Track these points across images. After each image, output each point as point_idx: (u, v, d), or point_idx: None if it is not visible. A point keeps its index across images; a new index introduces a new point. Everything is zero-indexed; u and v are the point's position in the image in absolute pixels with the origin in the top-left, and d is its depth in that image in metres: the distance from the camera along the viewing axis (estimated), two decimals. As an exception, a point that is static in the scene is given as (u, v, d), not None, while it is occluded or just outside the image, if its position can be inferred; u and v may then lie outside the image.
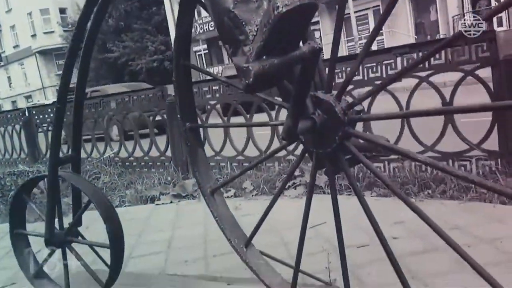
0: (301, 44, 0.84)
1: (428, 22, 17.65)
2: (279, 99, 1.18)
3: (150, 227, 2.51)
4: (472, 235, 1.70)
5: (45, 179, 1.49)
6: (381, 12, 13.28)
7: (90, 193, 1.36)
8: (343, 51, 19.50)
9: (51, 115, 5.03)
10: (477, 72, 2.32)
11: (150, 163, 4.20)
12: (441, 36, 16.55)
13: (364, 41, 18.08)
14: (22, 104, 37.06)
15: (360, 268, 1.56)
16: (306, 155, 1.10)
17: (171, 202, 3.08)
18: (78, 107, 1.45)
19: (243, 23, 0.81)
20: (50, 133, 5.04)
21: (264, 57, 0.75)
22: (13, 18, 35.24)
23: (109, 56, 28.15)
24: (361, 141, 1.04)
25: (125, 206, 3.15)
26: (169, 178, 3.62)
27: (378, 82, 2.72)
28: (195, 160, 1.40)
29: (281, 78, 1.01)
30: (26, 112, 5.31)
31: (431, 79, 2.51)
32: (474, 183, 0.75)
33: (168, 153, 4.04)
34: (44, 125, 5.17)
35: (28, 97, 36.75)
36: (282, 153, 3.27)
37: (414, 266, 1.51)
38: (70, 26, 30.67)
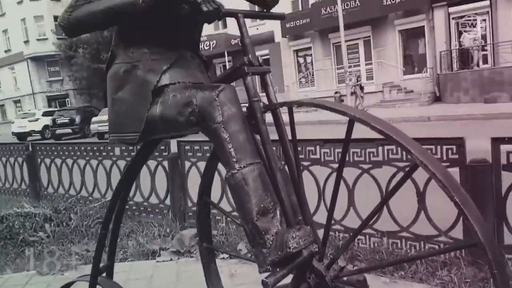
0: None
1: (416, 55, 18.32)
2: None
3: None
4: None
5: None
6: (371, 42, 13.84)
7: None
8: (333, 78, 20.07)
9: (55, 152, 5.28)
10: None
11: (149, 209, 4.49)
12: (428, 70, 17.19)
13: (354, 69, 18.68)
14: (10, 108, 36.88)
15: None
16: None
17: (171, 259, 3.37)
18: (116, 225, 1.75)
19: (263, 232, 1.14)
20: (51, 169, 5.28)
21: (278, 269, 1.08)
22: (6, 22, 35.22)
23: (102, 66, 28.28)
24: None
25: (129, 260, 3.42)
26: (168, 230, 3.91)
27: (362, 166, 3.07)
28: (208, 274, 1.72)
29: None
30: (30, 147, 5.55)
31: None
32: None
33: (167, 201, 4.33)
34: (46, 159, 5.40)
35: (17, 102, 36.58)
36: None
37: None
38: (63, 34, 30.79)
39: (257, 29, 21.25)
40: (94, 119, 17.67)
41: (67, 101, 33.46)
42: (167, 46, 1.41)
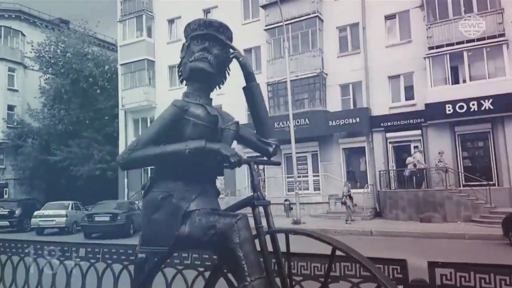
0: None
1: (358, 172, 19.89)
2: None
3: None
4: None
5: None
6: (319, 156, 14.92)
7: None
8: (283, 186, 20.96)
9: (13, 249, 5.19)
10: None
11: (108, 314, 4.45)
12: (369, 186, 18.57)
13: (302, 179, 19.77)
14: None
15: None
16: None
17: None
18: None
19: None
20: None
21: None
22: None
23: (49, 158, 27.72)
24: None
25: None
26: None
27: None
28: None
29: None
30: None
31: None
32: None
33: (129, 306, 4.35)
34: (2, 256, 5.26)
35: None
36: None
37: None
38: (15, 123, 30.46)
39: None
40: (36, 213, 16.88)
41: (6, 190, 31.73)
42: (196, 181, 1.86)
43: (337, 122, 19.27)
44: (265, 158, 2.26)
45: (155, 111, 25.67)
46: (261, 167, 22.44)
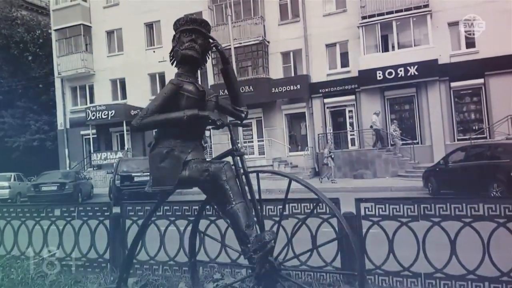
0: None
1: (299, 136, 21.16)
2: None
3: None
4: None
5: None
6: (263, 122, 15.71)
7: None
8: (228, 152, 21.71)
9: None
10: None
11: (87, 264, 5.04)
12: (309, 148, 19.91)
13: (248, 144, 20.68)
14: None
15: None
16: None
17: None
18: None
19: (248, 235, 2.25)
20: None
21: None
22: None
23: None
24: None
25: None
26: (112, 278, 4.55)
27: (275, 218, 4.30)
28: None
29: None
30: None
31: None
32: None
33: (106, 255, 4.96)
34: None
35: None
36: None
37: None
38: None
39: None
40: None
41: None
42: (190, 139, 2.55)
43: (280, 89, 20.17)
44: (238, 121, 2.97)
45: (93, 78, 25.03)
46: (207, 134, 23.06)
